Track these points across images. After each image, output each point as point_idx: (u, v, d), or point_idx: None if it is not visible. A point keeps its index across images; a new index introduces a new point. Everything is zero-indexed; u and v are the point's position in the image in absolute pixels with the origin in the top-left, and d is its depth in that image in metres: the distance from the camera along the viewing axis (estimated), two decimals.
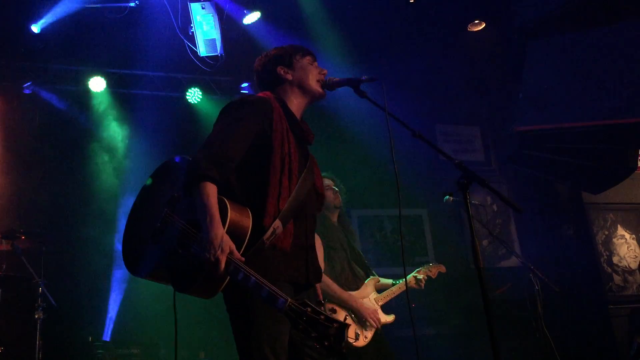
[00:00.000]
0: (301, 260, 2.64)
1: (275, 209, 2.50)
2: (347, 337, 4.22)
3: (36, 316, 4.93)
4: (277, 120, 2.65)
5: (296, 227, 2.61)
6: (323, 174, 4.80)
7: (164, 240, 2.58)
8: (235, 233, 2.40)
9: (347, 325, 2.04)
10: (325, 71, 2.90)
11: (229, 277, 2.34)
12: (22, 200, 5.89)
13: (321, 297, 2.83)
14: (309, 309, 2.04)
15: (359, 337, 4.32)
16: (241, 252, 2.38)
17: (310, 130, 2.88)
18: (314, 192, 2.79)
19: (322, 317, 2.02)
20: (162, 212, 2.63)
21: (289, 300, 2.10)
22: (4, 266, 5.14)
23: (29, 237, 5.23)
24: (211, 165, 2.44)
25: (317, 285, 2.82)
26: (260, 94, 2.81)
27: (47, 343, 4.99)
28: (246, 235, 2.44)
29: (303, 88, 2.85)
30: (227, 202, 2.44)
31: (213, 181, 2.43)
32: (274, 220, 2.48)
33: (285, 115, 2.72)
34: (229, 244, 2.32)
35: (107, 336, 5.69)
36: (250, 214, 2.48)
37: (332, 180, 4.86)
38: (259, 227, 2.47)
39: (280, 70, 2.86)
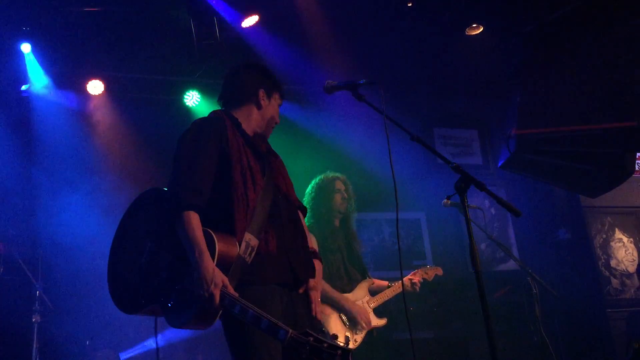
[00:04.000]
0: (285, 261, 2.65)
1: (243, 223, 2.51)
2: (337, 341, 4.22)
3: (33, 319, 4.92)
4: (232, 137, 2.69)
5: (277, 231, 2.64)
6: (336, 175, 4.81)
7: (151, 275, 2.57)
8: (224, 263, 2.41)
9: (351, 351, 2.04)
10: (278, 122, 2.97)
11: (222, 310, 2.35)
12: (20, 203, 5.88)
13: (317, 301, 2.81)
14: (311, 338, 2.02)
15: (349, 341, 4.30)
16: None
17: (263, 146, 2.90)
18: (284, 197, 2.80)
19: (325, 345, 2.01)
20: (145, 246, 2.62)
21: (290, 331, 2.09)
22: (1, 269, 5.13)
23: (27, 240, 5.21)
24: (190, 194, 2.48)
25: (313, 289, 2.80)
26: (212, 113, 2.86)
27: (44, 346, 4.97)
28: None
29: (265, 121, 2.90)
30: (213, 234, 2.44)
31: (196, 209, 2.47)
32: (243, 234, 2.49)
33: (238, 131, 2.76)
34: (221, 277, 2.33)
35: (105, 339, 5.66)
36: (237, 242, 2.48)
37: (344, 184, 4.82)
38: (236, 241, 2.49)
39: (261, 93, 2.89)
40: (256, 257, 2.50)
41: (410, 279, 4.76)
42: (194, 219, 2.44)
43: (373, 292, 4.66)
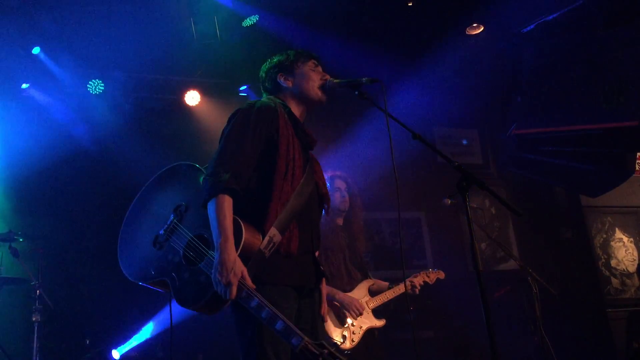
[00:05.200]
0: (308, 264, 2.66)
1: (274, 217, 2.49)
2: (334, 339, 4.22)
3: (33, 319, 4.92)
4: (283, 126, 2.68)
5: (301, 232, 2.61)
6: (336, 173, 4.80)
7: (167, 249, 2.55)
8: (246, 255, 2.38)
9: None
10: (327, 76, 2.92)
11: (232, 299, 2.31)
12: (20, 202, 5.88)
13: (325, 300, 2.82)
14: (326, 351, 2.00)
15: (346, 340, 4.30)
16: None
17: (313, 135, 2.89)
18: (317, 195, 2.79)
19: None
20: (166, 218, 2.62)
21: (305, 339, 2.06)
22: (2, 268, 5.13)
23: (27, 240, 5.21)
24: (231, 178, 2.45)
25: (323, 289, 2.81)
26: (267, 99, 2.83)
27: (45, 346, 4.97)
28: None
29: (302, 95, 2.88)
30: (241, 223, 2.42)
31: (233, 193, 2.44)
32: (270, 228, 2.47)
33: (290, 121, 2.75)
34: (241, 268, 2.30)
35: (104, 339, 5.66)
36: (260, 235, 2.45)
37: (345, 182, 4.80)
38: (261, 233, 2.47)
39: (281, 77, 2.91)
40: (275, 254, 2.48)
41: (412, 282, 4.75)
42: (227, 204, 2.41)
43: (373, 293, 4.65)
